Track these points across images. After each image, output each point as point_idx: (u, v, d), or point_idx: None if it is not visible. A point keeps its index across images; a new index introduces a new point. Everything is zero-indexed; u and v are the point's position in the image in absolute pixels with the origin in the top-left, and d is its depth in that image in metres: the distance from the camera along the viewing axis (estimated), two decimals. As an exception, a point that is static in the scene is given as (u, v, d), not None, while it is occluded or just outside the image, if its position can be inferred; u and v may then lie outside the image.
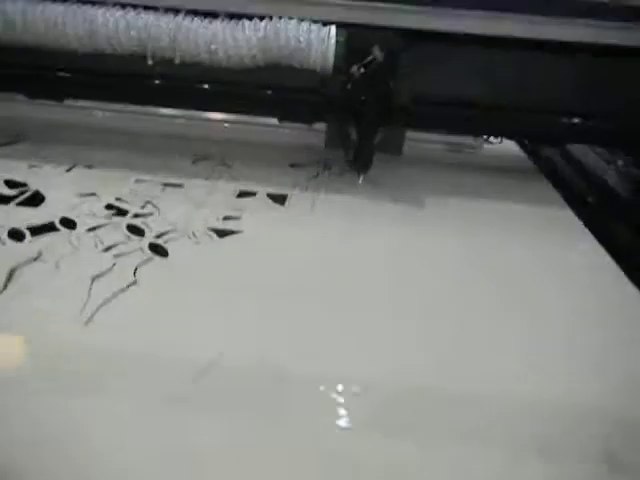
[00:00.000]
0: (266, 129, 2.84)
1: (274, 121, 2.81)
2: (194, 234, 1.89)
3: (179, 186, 2.30)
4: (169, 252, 1.64)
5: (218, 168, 2.42)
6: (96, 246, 1.62)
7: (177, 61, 2.32)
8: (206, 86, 2.50)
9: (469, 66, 2.55)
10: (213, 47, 2.27)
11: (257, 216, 1.94)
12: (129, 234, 1.84)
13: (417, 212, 2.14)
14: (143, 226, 1.93)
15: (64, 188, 2.00)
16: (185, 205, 1.98)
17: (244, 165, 2.44)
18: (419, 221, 2.08)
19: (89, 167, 2.26)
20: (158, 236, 1.87)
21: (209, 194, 2.24)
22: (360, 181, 2.45)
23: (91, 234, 1.69)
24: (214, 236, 1.90)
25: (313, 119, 2.68)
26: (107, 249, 1.69)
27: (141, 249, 1.63)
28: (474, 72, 2.58)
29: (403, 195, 2.30)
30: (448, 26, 2.20)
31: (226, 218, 2.06)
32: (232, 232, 1.79)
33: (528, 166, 2.77)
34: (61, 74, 2.62)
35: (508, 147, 2.83)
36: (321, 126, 2.69)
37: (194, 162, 2.58)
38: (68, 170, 2.35)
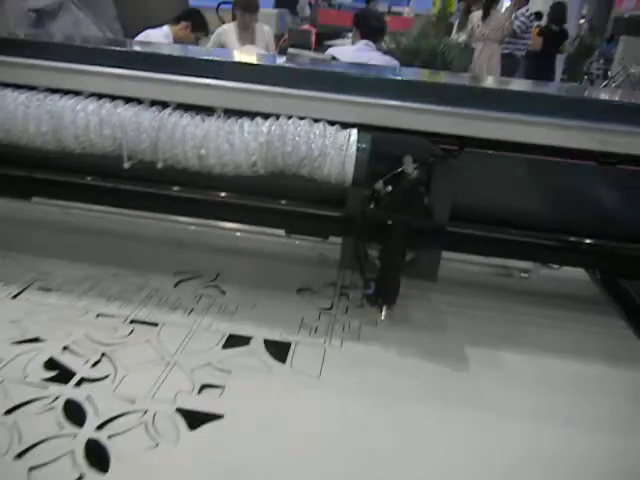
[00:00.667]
0: (271, 239, 2.33)
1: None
2: (154, 424, 1.34)
3: (152, 325, 1.77)
4: (110, 463, 1.23)
5: (206, 293, 2.05)
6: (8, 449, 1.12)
7: (159, 166, 1.86)
8: (194, 195, 2.03)
9: (523, 179, 2.05)
10: (203, 152, 1.81)
11: (247, 385, 1.58)
12: (63, 420, 1.30)
13: (463, 376, 1.74)
14: (86, 404, 1.40)
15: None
16: (152, 363, 1.61)
17: (240, 289, 2.12)
18: (466, 392, 1.52)
19: (45, 290, 1.76)
20: (101, 425, 1.33)
21: (187, 341, 1.70)
22: (382, 317, 1.91)
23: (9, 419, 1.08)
24: (182, 427, 1.35)
25: (327, 234, 2.17)
26: (20, 455, 1.16)
27: (72, 454, 1.11)
28: (527, 186, 2.08)
29: (441, 341, 1.92)
30: (506, 134, 1.71)
31: (205, 387, 1.52)
32: (208, 417, 1.42)
33: (597, 297, 2.21)
34: (24, 172, 2.19)
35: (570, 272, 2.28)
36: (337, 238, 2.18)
37: (176, 284, 2.07)
38: (15, 296, 1.87)
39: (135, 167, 1.90)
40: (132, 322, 1.81)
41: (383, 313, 1.92)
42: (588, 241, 1.95)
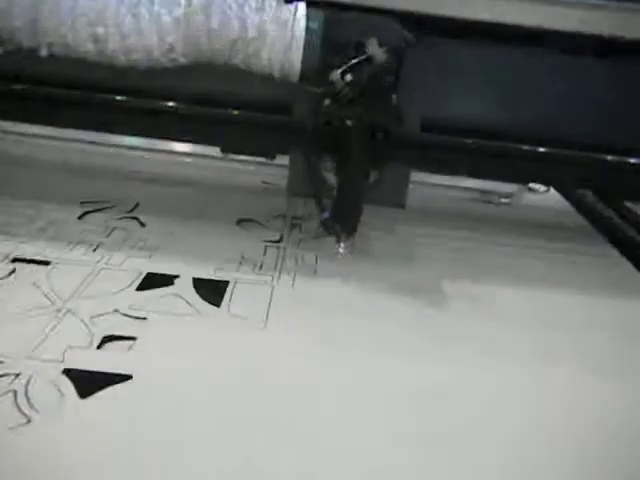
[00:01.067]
0: (205, 162, 1.90)
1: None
2: (26, 393, 0.95)
3: (41, 264, 1.35)
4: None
5: (120, 225, 1.66)
6: None
7: (43, 53, 1.38)
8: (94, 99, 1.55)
9: (508, 74, 1.69)
10: (100, 31, 1.35)
11: (167, 337, 1.21)
12: None
13: (440, 315, 1.43)
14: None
15: None
16: (37, 311, 1.22)
17: (165, 221, 1.70)
18: (444, 334, 1.37)
19: None
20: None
21: (89, 283, 1.30)
22: (340, 251, 1.55)
23: None
24: (69, 394, 0.96)
25: (271, 151, 1.77)
26: None
27: None
28: (514, 84, 1.72)
29: (412, 277, 1.60)
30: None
31: (108, 340, 1.13)
32: (109, 379, 1.05)
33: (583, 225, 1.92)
34: None
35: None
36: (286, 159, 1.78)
37: (81, 216, 1.63)
38: None
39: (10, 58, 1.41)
40: (14, 261, 1.37)
41: (342, 244, 1.56)
42: (581, 154, 1.63)
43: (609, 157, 1.64)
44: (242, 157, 1.94)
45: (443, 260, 1.66)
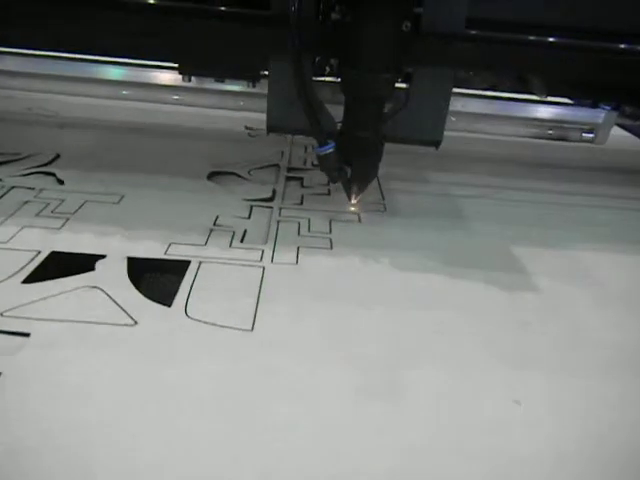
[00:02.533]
0: (155, 93, 1.33)
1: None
2: None
3: None
4: None
5: (24, 182, 1.15)
6: None
7: None
8: None
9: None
10: None
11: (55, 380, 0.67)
12: None
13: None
14: None
15: None
16: None
17: (94, 176, 1.18)
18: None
19: None
20: None
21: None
22: (352, 208, 1.01)
23: None
24: None
25: (248, 65, 1.19)
26: None
27: None
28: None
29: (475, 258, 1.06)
30: None
31: None
32: None
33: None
34: None
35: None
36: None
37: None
38: None
39: None
40: None
41: (354, 198, 1.01)
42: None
43: None
44: (213, 85, 1.36)
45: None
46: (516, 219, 1.15)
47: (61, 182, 1.11)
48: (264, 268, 0.87)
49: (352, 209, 1.10)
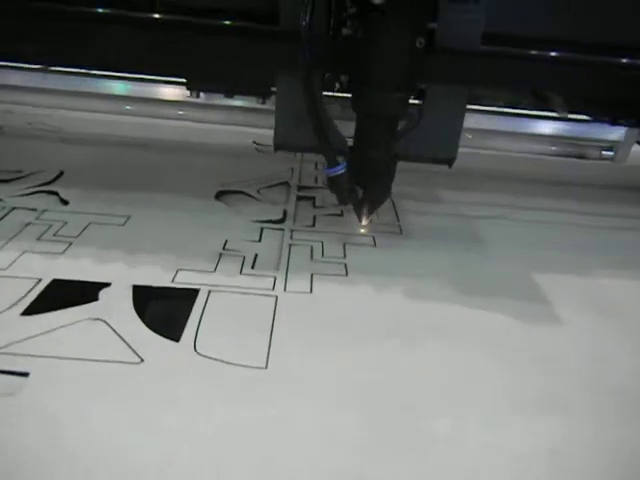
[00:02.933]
0: (160, 109, 1.30)
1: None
2: None
3: None
4: None
5: (27, 202, 1.11)
6: None
7: None
8: None
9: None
10: None
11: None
12: None
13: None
14: None
15: None
16: None
17: (99, 196, 1.13)
18: None
19: None
20: None
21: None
22: (362, 230, 0.98)
23: None
24: None
25: (256, 82, 1.16)
26: None
27: None
28: None
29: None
30: None
31: None
32: None
33: None
34: None
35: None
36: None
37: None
38: None
39: None
40: None
41: (364, 218, 0.99)
42: None
43: None
44: (222, 102, 1.33)
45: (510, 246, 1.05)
46: (532, 242, 1.10)
47: (65, 202, 1.07)
48: (277, 298, 0.83)
49: (362, 231, 1.05)
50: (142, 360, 0.67)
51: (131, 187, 1.14)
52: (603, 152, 1.41)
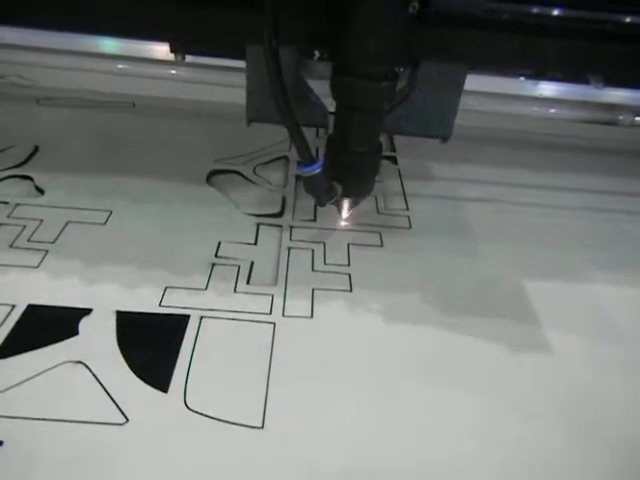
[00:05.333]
0: (154, 70, 1.16)
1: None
2: None
3: None
4: None
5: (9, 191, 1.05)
6: None
7: None
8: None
9: None
10: None
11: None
12: None
13: None
14: None
15: None
16: None
17: (79, 180, 1.02)
18: None
19: None
20: None
21: None
22: (343, 223, 0.90)
23: None
24: None
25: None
26: None
27: None
28: None
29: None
30: None
31: None
32: None
33: None
34: None
35: None
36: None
37: None
38: None
39: None
40: None
41: (345, 210, 0.94)
42: None
43: None
44: (216, 61, 1.17)
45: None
46: (532, 236, 1.00)
47: (41, 191, 0.97)
48: (275, 325, 0.76)
49: (343, 224, 0.97)
50: (127, 419, 0.62)
51: (114, 168, 1.03)
52: (636, 118, 1.27)
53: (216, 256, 0.87)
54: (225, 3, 0.82)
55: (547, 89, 1.20)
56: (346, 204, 0.93)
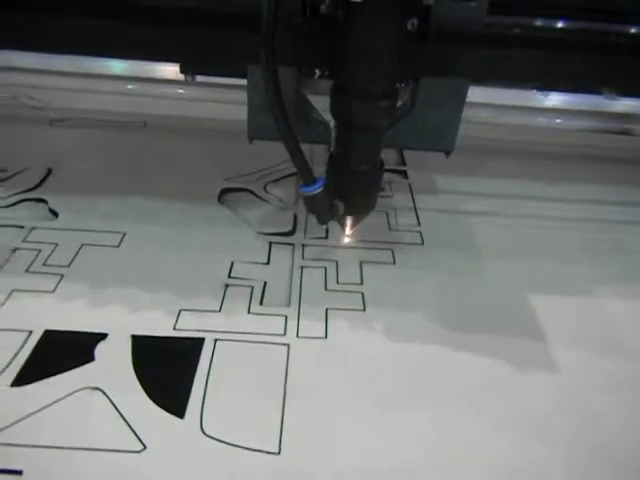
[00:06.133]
0: (166, 89, 1.18)
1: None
2: None
3: None
4: None
5: (11, 215, 1.03)
6: None
7: None
8: None
9: None
10: None
11: None
12: None
13: None
14: None
15: None
16: None
17: (92, 201, 1.05)
18: None
19: None
20: None
21: None
22: (346, 240, 0.91)
23: None
24: None
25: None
26: None
27: None
28: None
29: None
30: None
31: None
32: None
33: None
34: None
35: None
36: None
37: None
38: None
39: None
40: None
41: (348, 229, 0.95)
42: None
43: None
44: (221, 79, 1.18)
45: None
46: (537, 250, 0.99)
47: (55, 213, 0.98)
48: (289, 347, 0.76)
49: (347, 240, 0.97)
50: (144, 447, 0.62)
51: (126, 188, 1.04)
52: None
53: (229, 276, 0.88)
54: (225, 24, 0.83)
55: (558, 100, 1.20)
56: (349, 221, 0.93)
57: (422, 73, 0.85)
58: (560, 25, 0.91)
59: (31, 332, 0.75)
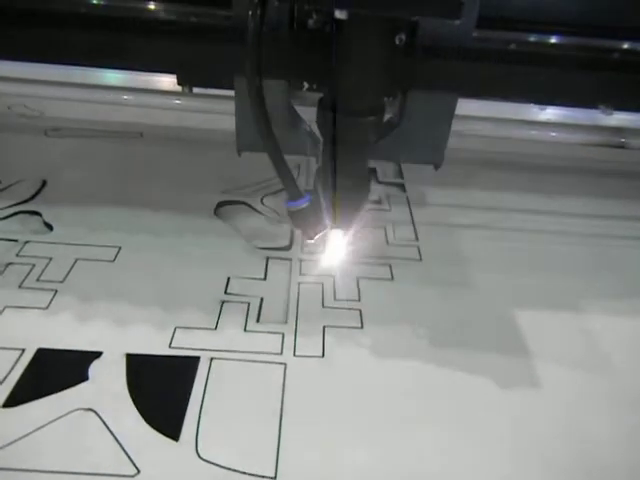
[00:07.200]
0: (164, 100, 1.17)
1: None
2: None
3: None
4: None
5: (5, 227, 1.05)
6: None
7: None
8: None
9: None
10: None
11: None
12: None
13: None
14: None
15: None
16: None
17: (86, 214, 1.03)
18: None
19: None
20: None
21: None
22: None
23: None
24: None
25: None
26: None
27: None
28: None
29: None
30: None
31: None
32: None
33: None
34: None
35: None
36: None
37: None
38: None
39: None
40: None
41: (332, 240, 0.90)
42: None
43: None
44: (218, 91, 1.18)
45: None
46: (525, 263, 0.99)
47: (49, 226, 0.97)
48: (286, 366, 0.75)
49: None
50: (138, 471, 0.61)
51: (121, 201, 1.03)
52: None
53: (226, 293, 0.87)
54: (221, 38, 0.83)
55: (558, 114, 1.20)
56: (336, 235, 0.90)
57: (410, 88, 0.84)
58: (553, 40, 0.91)
59: (24, 350, 0.73)
